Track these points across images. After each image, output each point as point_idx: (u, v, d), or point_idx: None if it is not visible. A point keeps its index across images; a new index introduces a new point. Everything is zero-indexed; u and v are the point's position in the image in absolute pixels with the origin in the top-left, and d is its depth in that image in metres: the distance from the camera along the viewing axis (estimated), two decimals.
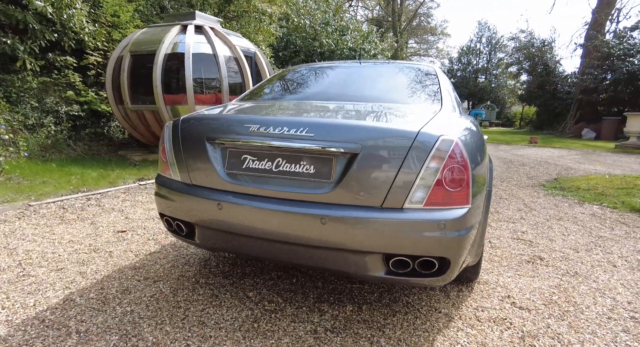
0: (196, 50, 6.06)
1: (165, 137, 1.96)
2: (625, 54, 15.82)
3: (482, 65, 27.56)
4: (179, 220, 1.90)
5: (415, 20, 30.85)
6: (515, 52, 21.21)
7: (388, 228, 1.45)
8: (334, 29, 14.90)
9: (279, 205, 1.58)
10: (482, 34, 27.75)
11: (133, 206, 3.85)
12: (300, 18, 13.98)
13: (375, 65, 2.83)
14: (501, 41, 26.77)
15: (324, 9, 15.15)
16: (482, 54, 27.76)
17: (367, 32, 15.71)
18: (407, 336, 1.73)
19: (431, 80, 2.39)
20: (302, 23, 13.73)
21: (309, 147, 1.55)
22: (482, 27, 28.00)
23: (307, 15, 14.28)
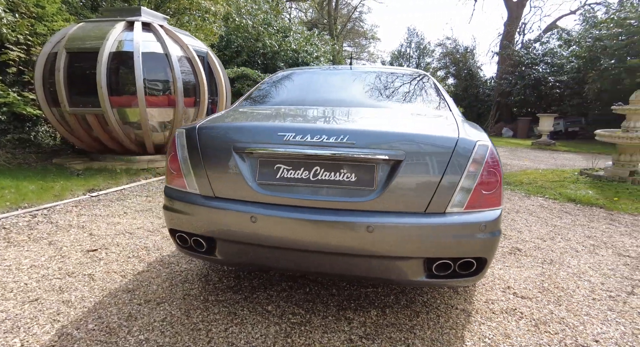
0: (146, 49, 5.63)
1: (177, 147, 1.80)
2: (532, 63, 17.88)
3: None
4: (198, 236, 1.76)
5: (349, 24, 31.77)
6: (443, 57, 22.89)
7: (434, 233, 1.49)
8: (276, 30, 14.79)
9: (320, 215, 1.54)
10: (411, 39, 29.43)
11: (93, 221, 3.47)
12: (241, 17, 13.65)
13: (372, 71, 2.86)
14: (428, 47, 28.63)
15: (265, 10, 14.97)
16: (412, 58, 29.44)
17: (309, 35, 15.83)
18: (437, 335, 1.79)
19: (430, 85, 2.50)
20: (244, 23, 13.42)
21: (350, 155, 1.54)
22: (411, 33, 29.69)
23: (248, 15, 13.99)
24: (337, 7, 28.95)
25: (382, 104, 2.24)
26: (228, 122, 1.83)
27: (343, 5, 32.27)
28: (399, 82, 2.58)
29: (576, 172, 6.32)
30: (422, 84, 2.55)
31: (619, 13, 14.07)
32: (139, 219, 3.55)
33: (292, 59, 14.79)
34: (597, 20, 15.03)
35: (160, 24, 6.18)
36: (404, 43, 29.96)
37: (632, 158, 5.35)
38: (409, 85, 2.53)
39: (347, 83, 2.56)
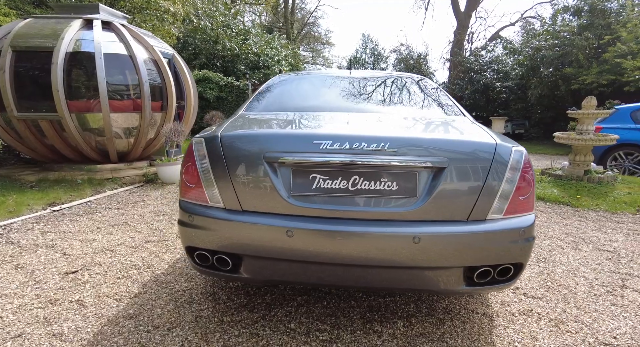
0: (108, 50, 5.23)
1: (195, 157, 1.65)
2: (481, 69, 19.00)
3: None
4: (222, 253, 1.61)
5: (305, 28, 31.87)
6: (398, 63, 23.64)
7: (478, 240, 1.48)
8: (235, 32, 14.47)
9: (363, 226, 1.47)
10: (366, 45, 30.16)
11: (63, 239, 3.13)
12: (199, 19, 13.20)
13: (375, 76, 2.83)
14: (383, 53, 29.50)
15: (223, 12, 14.61)
16: (368, 64, 30.16)
17: (270, 38, 15.65)
18: (469, 342, 1.79)
19: (434, 89, 2.52)
20: (203, 24, 12.99)
21: (392, 163, 1.49)
22: (365, 39, 30.44)
23: (206, 17, 13.56)
24: (294, 11, 28.95)
25: (402, 109, 2.22)
26: (257, 130, 1.70)
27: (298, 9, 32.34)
28: (406, 87, 2.57)
29: (538, 172, 6.74)
30: (427, 88, 2.57)
31: (553, 26, 15.38)
32: (116, 235, 3.25)
33: (253, 62, 14.54)
34: (536, 31, 16.29)
35: (122, 24, 5.78)
36: (359, 49, 30.63)
37: (586, 158, 5.80)
38: (417, 89, 2.54)
39: (358, 88, 2.51)
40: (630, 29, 12.12)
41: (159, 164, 5.40)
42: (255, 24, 17.14)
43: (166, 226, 3.51)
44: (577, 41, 13.81)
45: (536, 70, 15.41)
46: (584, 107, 5.68)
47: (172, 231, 3.37)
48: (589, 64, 13.48)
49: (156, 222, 3.62)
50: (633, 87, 11.92)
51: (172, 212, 3.96)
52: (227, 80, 11.26)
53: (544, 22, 16.84)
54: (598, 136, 5.70)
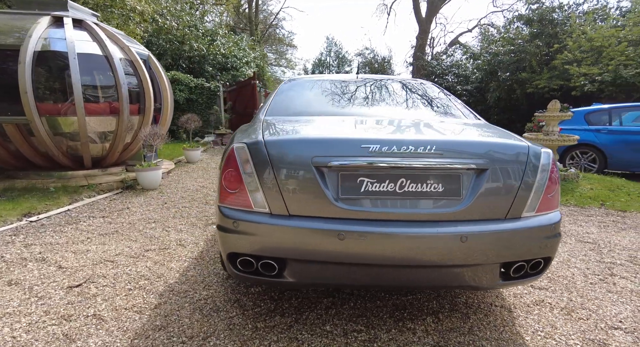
0: (81, 50, 4.94)
1: (238, 162, 1.62)
2: (442, 73, 19.84)
3: None
4: (269, 258, 1.60)
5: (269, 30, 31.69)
6: (363, 66, 24.15)
7: (516, 237, 1.58)
8: (202, 33, 14.12)
9: (413, 228, 1.53)
10: (330, 48, 30.55)
11: (53, 251, 2.93)
12: (164, 19, 12.75)
13: (386, 79, 2.90)
14: (347, 56, 30.01)
15: (189, 12, 14.21)
16: (332, 67, 30.54)
17: (238, 39, 15.41)
18: (497, 334, 1.89)
19: (443, 93, 2.63)
20: (169, 24, 12.55)
21: (439, 166, 1.56)
22: (330, 42, 30.81)
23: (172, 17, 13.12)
24: (257, 13, 28.69)
25: (424, 112, 2.31)
26: (305, 135, 1.70)
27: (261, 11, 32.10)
28: (419, 91, 2.67)
29: None
30: (437, 92, 2.68)
31: (508, 34, 16.39)
32: (110, 245, 3.09)
33: (221, 63, 14.25)
34: (493, 38, 17.25)
35: (95, 22, 5.49)
36: (323, 51, 30.94)
37: None
38: (430, 93, 2.64)
39: (374, 92, 2.58)
40: (575, 38, 13.17)
41: (139, 170, 5.17)
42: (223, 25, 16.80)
43: (161, 234, 3.38)
44: (530, 48, 14.81)
45: (494, 75, 16.32)
46: (550, 110, 6.12)
47: (170, 238, 3.26)
48: (541, 69, 14.48)
49: (149, 230, 3.48)
50: (579, 92, 12.94)
51: (163, 219, 3.82)
52: (197, 82, 10.96)
53: (499, 30, 17.89)
54: (562, 136, 6.17)
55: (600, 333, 1.91)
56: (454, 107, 2.45)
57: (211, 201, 4.63)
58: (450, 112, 2.38)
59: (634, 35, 11.69)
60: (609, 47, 11.99)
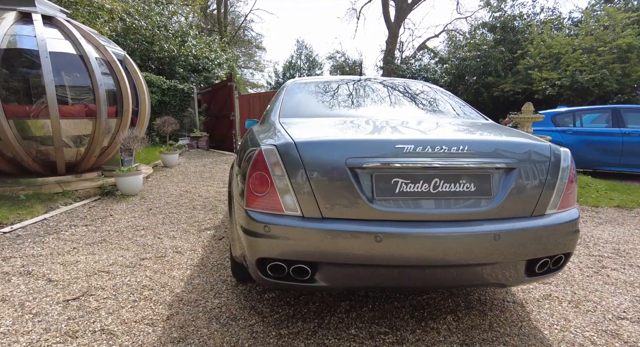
0: (54, 49, 4.65)
1: (268, 165, 1.57)
2: (412, 77, 20.36)
3: None
4: (301, 262, 1.56)
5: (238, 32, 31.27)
6: (335, 70, 24.33)
7: (543, 234, 1.63)
8: (172, 33, 13.71)
9: (448, 227, 1.54)
10: (301, 51, 30.54)
11: (36, 264, 2.73)
12: (133, 18, 12.27)
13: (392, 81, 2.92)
14: (317, 59, 30.13)
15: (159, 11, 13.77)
16: (303, 70, 30.55)
17: (210, 40, 15.08)
18: (517, 329, 1.94)
19: (446, 94, 2.68)
20: (137, 24, 12.09)
21: (471, 165, 1.58)
22: (300, 45, 30.81)
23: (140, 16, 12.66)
24: (227, 14, 28.25)
25: (438, 112, 2.35)
26: (339, 136, 1.66)
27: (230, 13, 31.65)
28: (426, 92, 2.71)
29: None
30: (442, 93, 2.73)
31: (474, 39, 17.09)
32: (101, 255, 2.91)
33: (192, 65, 13.89)
34: (460, 43, 17.92)
35: (66, 19, 5.19)
36: (294, 54, 30.91)
37: None
38: (436, 95, 2.68)
39: (384, 93, 2.59)
40: (536, 45, 13.92)
41: (119, 175, 4.92)
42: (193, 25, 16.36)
43: (154, 241, 3.23)
44: (495, 53, 15.50)
45: (462, 79, 16.93)
46: (524, 111, 6.42)
47: (164, 245, 3.12)
48: (506, 74, 15.19)
49: (140, 238, 3.31)
50: (541, 95, 13.67)
51: (152, 226, 3.65)
52: (170, 83, 10.62)
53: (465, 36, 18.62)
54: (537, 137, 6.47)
55: (610, 324, 2.00)
56: (461, 108, 2.50)
57: (199, 206, 4.48)
58: (461, 112, 2.42)
59: (587, 44, 12.51)
60: (565, 54, 12.77)
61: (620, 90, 12.59)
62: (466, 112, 2.44)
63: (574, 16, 16.82)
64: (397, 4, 21.76)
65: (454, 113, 2.40)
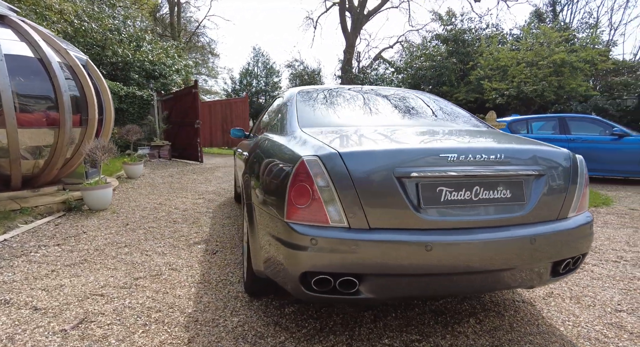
0: (8, 51, 4.23)
1: (312, 176, 1.53)
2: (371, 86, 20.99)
3: (261, 87, 30.09)
4: (348, 274, 1.53)
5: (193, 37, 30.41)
6: (294, 78, 24.39)
7: (570, 235, 1.73)
8: (125, 37, 13.03)
9: (491, 233, 1.58)
10: (258, 58, 30.32)
11: (14, 291, 2.44)
12: (82, 21, 11.52)
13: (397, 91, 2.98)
14: (275, 67, 30.07)
15: (110, 14, 13.06)
16: (260, 77, 30.33)
17: (168, 46, 14.50)
18: (535, 328, 2.04)
19: (447, 102, 2.78)
20: (87, 27, 11.35)
21: (508, 173, 1.64)
22: (257, 53, 30.58)
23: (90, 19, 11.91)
24: (180, 19, 27.40)
25: (455, 121, 2.42)
26: (385, 146, 1.65)
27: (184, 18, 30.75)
28: (432, 101, 2.79)
29: None
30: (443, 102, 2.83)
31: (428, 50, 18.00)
32: (87, 276, 2.67)
33: (148, 71, 13.27)
34: (416, 54, 18.76)
35: (21, 19, 4.75)
36: (250, 61, 30.63)
37: None
38: (441, 103, 2.77)
39: (399, 103, 2.62)
40: (485, 57, 14.94)
41: (86, 188, 4.56)
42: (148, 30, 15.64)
43: (143, 259, 3.01)
44: (448, 64, 16.40)
45: (418, 88, 17.69)
46: (487, 119, 6.83)
47: (156, 262, 2.92)
48: (459, 83, 16.11)
49: (126, 256, 3.08)
50: (492, 104, 14.64)
51: (134, 243, 3.41)
52: (127, 90, 10.04)
53: (419, 48, 19.52)
54: None
55: (612, 317, 2.17)
56: (468, 116, 2.61)
57: (179, 219, 4.26)
58: (471, 120, 2.52)
59: (529, 58, 13.63)
60: (511, 66, 13.82)
61: (557, 100, 13.82)
62: (472, 120, 2.55)
63: (514, 32, 18.28)
64: (353, 15, 22.38)
65: (465, 121, 2.49)
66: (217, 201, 5.31)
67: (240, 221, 4.23)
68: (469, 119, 2.54)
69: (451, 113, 2.63)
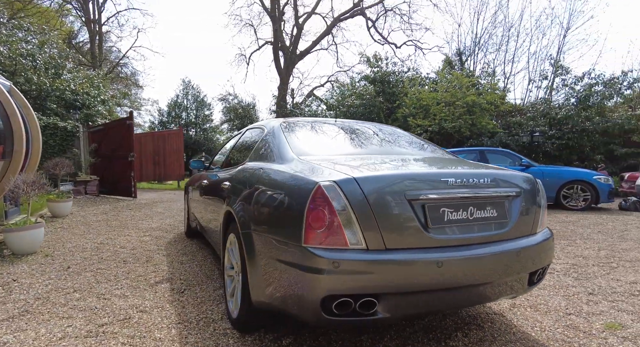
0: None
1: (331, 200, 1.59)
2: None
3: (191, 120, 29.28)
4: (368, 295, 1.58)
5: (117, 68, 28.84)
6: (228, 111, 24.19)
7: (544, 248, 2.00)
8: (41, 64, 12.00)
9: (487, 248, 1.78)
10: (187, 91, 29.66)
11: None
12: None
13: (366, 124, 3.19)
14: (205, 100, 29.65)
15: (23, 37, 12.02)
16: (190, 110, 29.58)
17: (93, 75, 13.57)
18: (513, 336, 2.25)
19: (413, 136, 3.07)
20: None
21: (494, 194, 1.88)
22: (186, 85, 29.94)
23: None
24: (102, 49, 25.97)
25: (428, 150, 2.67)
26: (396, 172, 1.78)
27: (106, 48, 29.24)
28: (401, 134, 3.03)
29: None
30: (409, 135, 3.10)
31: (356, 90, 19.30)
32: (36, 329, 2.32)
33: (68, 101, 12.24)
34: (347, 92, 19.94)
35: None
36: (180, 94, 29.86)
37: None
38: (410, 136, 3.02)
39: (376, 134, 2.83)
40: (410, 97, 16.48)
41: (11, 230, 3.99)
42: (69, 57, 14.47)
43: (102, 303, 2.71)
44: (376, 103, 17.70)
45: None
46: None
47: (118, 305, 2.65)
48: (387, 120, 17.39)
49: (79, 302, 2.74)
50: None
51: (85, 287, 3.05)
52: (48, 120, 9.12)
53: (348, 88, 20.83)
54: None
55: (567, 320, 2.48)
56: (432, 145, 2.91)
57: (129, 259, 3.91)
58: (436, 149, 2.81)
59: (446, 99, 15.37)
60: (432, 105, 15.42)
61: (471, 135, 15.61)
62: (437, 148, 2.85)
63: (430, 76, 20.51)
64: (285, 54, 23.28)
65: (433, 150, 2.78)
66: (166, 238, 4.98)
67: (200, 256, 4.02)
68: (437, 148, 2.84)
69: (419, 143, 2.91)
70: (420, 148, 2.77)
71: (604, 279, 3.31)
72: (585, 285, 3.15)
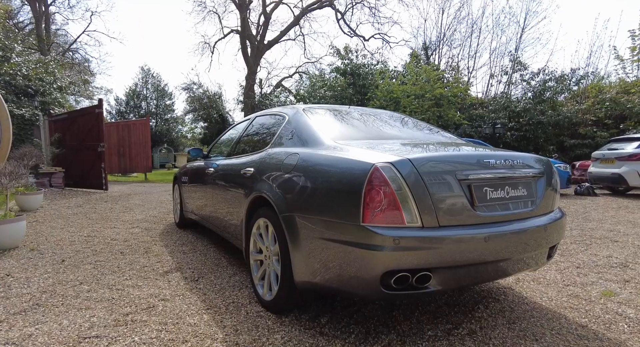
0: None
1: (389, 180, 1.65)
2: None
3: (151, 110, 28.03)
4: (424, 270, 1.68)
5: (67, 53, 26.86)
6: (192, 101, 23.39)
7: (561, 224, 2.19)
8: None
9: (524, 223, 1.94)
10: (147, 79, 28.33)
11: None
12: None
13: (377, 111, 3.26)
14: (167, 89, 28.49)
15: None
16: (151, 99, 28.31)
17: (48, 60, 12.57)
18: (529, 306, 2.45)
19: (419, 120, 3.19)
20: None
21: (524, 174, 2.03)
22: (146, 73, 28.58)
23: None
24: (49, 31, 24.08)
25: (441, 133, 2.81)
26: (447, 153, 1.90)
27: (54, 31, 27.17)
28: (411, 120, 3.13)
29: None
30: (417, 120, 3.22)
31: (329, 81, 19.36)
32: (56, 320, 2.22)
33: (20, 87, 11.33)
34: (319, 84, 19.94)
35: None
36: (138, 82, 28.48)
37: None
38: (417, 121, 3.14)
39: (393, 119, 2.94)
40: (381, 89, 16.78)
41: None
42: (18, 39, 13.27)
43: (118, 294, 2.62)
44: (347, 94, 17.87)
45: None
46: None
47: (137, 295, 2.57)
48: None
49: (91, 293, 2.63)
50: None
51: (92, 279, 2.93)
52: None
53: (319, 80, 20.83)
54: None
55: (567, 290, 2.72)
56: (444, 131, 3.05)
57: (126, 251, 3.77)
58: (451, 135, 2.95)
59: (416, 92, 15.83)
60: (402, 98, 15.82)
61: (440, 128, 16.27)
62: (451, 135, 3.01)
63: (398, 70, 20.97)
64: (252, 44, 22.81)
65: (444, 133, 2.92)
66: (157, 229, 4.83)
67: (201, 246, 3.96)
68: (450, 134, 2.99)
69: (433, 129, 3.05)
70: (436, 133, 2.92)
71: (584, 255, 3.64)
72: (571, 260, 3.46)
